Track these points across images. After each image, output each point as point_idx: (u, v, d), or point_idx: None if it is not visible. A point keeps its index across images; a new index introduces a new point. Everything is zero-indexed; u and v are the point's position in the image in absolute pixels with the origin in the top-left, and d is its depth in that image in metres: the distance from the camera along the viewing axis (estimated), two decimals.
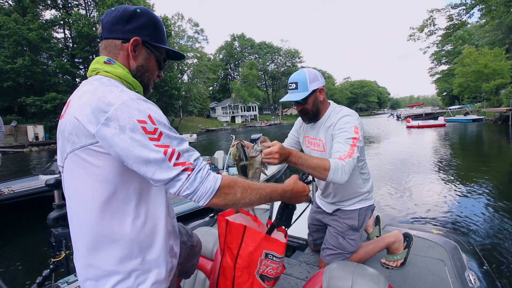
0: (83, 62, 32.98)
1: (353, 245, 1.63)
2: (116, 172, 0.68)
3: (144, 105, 0.66)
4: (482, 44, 36.53)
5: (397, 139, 16.05)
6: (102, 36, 0.79)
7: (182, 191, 0.65)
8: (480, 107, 29.50)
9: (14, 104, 26.40)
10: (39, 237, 4.45)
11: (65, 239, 1.28)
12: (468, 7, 13.74)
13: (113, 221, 0.69)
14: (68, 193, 0.74)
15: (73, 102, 0.70)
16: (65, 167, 0.72)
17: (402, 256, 1.71)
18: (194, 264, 1.20)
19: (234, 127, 47.48)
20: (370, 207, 1.69)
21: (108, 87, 0.67)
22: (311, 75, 1.48)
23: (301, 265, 1.84)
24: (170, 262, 0.81)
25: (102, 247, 0.70)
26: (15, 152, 20.96)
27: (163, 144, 0.64)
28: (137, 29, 0.77)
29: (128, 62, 0.79)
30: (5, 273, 3.40)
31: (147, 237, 0.73)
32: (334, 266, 1.03)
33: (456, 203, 4.96)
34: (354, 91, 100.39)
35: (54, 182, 1.35)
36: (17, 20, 24.16)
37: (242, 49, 69.59)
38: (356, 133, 1.37)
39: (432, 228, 2.35)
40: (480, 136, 16.37)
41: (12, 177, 7.07)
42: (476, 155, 10.08)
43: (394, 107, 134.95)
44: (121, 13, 0.77)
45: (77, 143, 0.66)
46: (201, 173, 0.67)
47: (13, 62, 23.90)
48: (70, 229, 0.78)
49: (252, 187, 0.75)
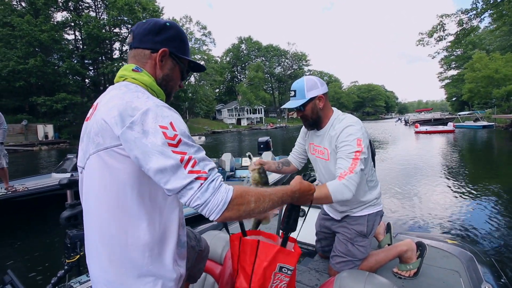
0: (93, 63, 33.61)
1: (363, 252, 1.60)
2: (135, 176, 0.69)
3: (167, 112, 0.68)
4: (493, 49, 35.99)
5: (405, 145, 15.86)
6: (132, 45, 0.83)
7: (193, 201, 0.64)
8: (490, 113, 29.00)
9: (25, 103, 27.00)
10: (52, 233, 4.52)
11: (79, 241, 1.30)
12: (478, 12, 13.53)
13: (128, 225, 0.70)
14: (86, 194, 0.76)
15: (101, 105, 0.73)
16: (86, 168, 0.74)
17: (415, 265, 1.66)
18: (200, 269, 1.20)
19: (240, 130, 47.62)
20: (378, 213, 1.66)
21: (135, 93, 0.71)
22: (309, 82, 1.51)
23: (311, 272, 1.81)
24: (180, 268, 0.82)
25: (115, 250, 0.71)
26: (25, 150, 21.39)
27: (181, 151, 0.65)
28: (165, 40, 0.83)
29: (154, 70, 0.83)
30: (20, 270, 3.45)
31: (159, 243, 0.74)
32: (345, 274, 1.01)
33: (469, 211, 4.82)
34: (361, 95, 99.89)
35: (67, 182, 1.37)
36: (30, 22, 24.77)
37: (249, 52, 70.01)
38: (359, 145, 1.37)
39: (446, 237, 2.27)
40: (492, 143, 16.06)
41: (23, 175, 7.19)
42: (488, 162, 9.89)
43: (402, 111, 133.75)
44: (152, 26, 0.82)
45: (101, 144, 0.68)
46: (214, 183, 0.66)
47: (25, 63, 24.49)
48: (84, 230, 0.79)
49: (264, 194, 0.75)
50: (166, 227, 0.76)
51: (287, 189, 0.85)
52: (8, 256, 3.87)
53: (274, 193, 0.79)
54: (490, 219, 4.40)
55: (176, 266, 0.79)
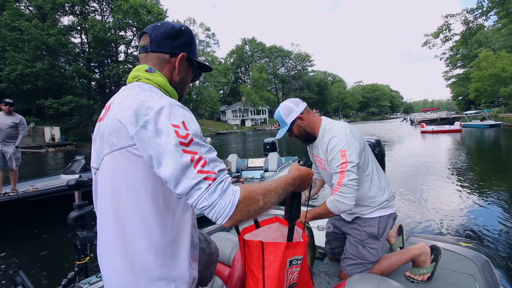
0: (98, 66, 34.03)
1: (374, 255, 1.58)
2: (148, 177, 0.69)
3: (180, 110, 0.68)
4: (500, 47, 35.47)
5: (411, 145, 15.70)
6: (150, 49, 0.83)
7: (199, 202, 0.62)
8: (498, 112, 28.55)
9: (32, 106, 27.43)
10: (61, 234, 4.60)
11: (89, 243, 1.32)
12: (484, 11, 13.36)
13: (142, 227, 0.69)
14: (100, 195, 0.75)
15: (114, 105, 0.73)
16: (101, 169, 0.74)
17: (429, 270, 1.62)
18: (211, 272, 1.19)
19: (244, 130, 47.67)
20: (391, 215, 1.64)
21: (149, 93, 0.71)
22: (284, 110, 1.63)
23: (320, 275, 1.78)
24: (193, 271, 0.81)
25: (128, 253, 0.70)
26: (33, 152, 21.72)
27: (192, 150, 0.65)
28: (182, 45, 0.85)
29: (172, 74, 0.85)
30: (31, 270, 3.50)
31: (173, 245, 0.74)
32: (356, 278, 0.99)
33: (482, 213, 4.66)
34: (366, 95, 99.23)
35: (75, 183, 1.39)
36: (37, 26, 25.20)
37: (253, 53, 70.15)
38: (343, 156, 1.45)
39: (459, 240, 2.20)
40: (500, 142, 15.81)
41: (31, 177, 7.32)
42: (498, 162, 9.71)
43: (408, 111, 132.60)
44: (169, 30, 0.83)
45: (116, 145, 0.68)
46: (222, 185, 0.64)
47: (32, 66, 24.91)
48: (97, 232, 0.79)
49: (269, 189, 0.73)
50: (179, 228, 0.75)
51: (287, 178, 0.85)
52: (19, 257, 3.93)
53: (279, 185, 0.78)
54: (505, 220, 4.28)
55: (189, 269, 0.78)
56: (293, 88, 70.40)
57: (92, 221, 1.37)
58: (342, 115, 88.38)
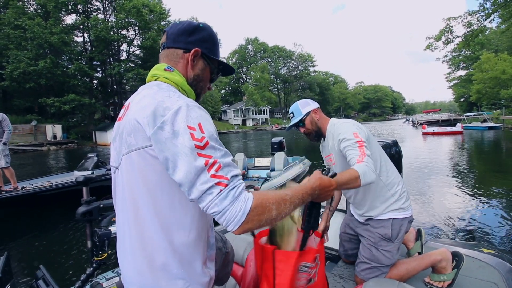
0: (101, 65, 34.12)
1: (389, 258, 1.54)
2: (164, 179, 0.68)
3: (197, 112, 0.68)
4: (502, 49, 35.33)
5: (412, 146, 15.67)
6: (166, 45, 0.84)
7: (210, 208, 0.62)
8: (499, 114, 28.45)
9: (35, 104, 27.56)
10: (78, 227, 4.76)
11: (107, 239, 1.36)
12: (487, 14, 13.31)
13: (158, 228, 0.70)
14: (119, 194, 0.76)
15: (133, 105, 0.73)
16: (120, 169, 0.74)
17: (449, 277, 1.55)
18: (228, 272, 1.18)
19: (245, 130, 47.68)
20: (406, 218, 1.59)
21: (166, 93, 0.71)
22: (301, 103, 1.74)
23: (335, 278, 1.74)
24: (210, 271, 0.81)
25: (147, 252, 0.70)
26: (34, 150, 21.83)
27: (207, 154, 0.64)
28: (198, 41, 0.84)
29: (186, 70, 0.84)
30: (49, 263, 3.58)
31: (190, 247, 0.73)
32: (372, 283, 0.95)
33: (502, 217, 4.53)
34: (367, 96, 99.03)
35: (83, 180, 1.43)
36: (40, 24, 25.30)
37: (255, 53, 70.14)
38: (357, 136, 1.44)
39: (481, 245, 2.10)
40: (500, 144, 15.77)
41: (31, 175, 7.46)
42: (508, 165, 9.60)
43: (409, 112, 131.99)
44: (186, 26, 0.83)
45: (133, 145, 0.69)
46: (234, 191, 0.63)
47: (35, 64, 25.01)
48: (117, 229, 0.80)
49: (285, 198, 0.71)
50: (197, 230, 0.75)
51: (306, 187, 0.82)
52: (38, 250, 4.05)
53: (295, 195, 0.75)
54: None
55: (206, 269, 0.78)
56: (295, 88, 70.33)
57: (99, 216, 1.42)
58: (344, 116, 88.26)
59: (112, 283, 1.51)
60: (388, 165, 1.64)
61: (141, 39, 34.43)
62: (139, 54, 37.11)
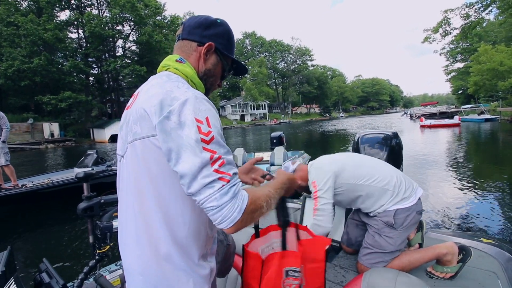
0: (96, 61, 33.77)
1: (391, 244, 1.57)
2: (166, 170, 0.68)
3: (205, 105, 0.68)
4: (499, 41, 35.27)
5: (410, 138, 15.71)
6: (181, 36, 0.84)
7: (208, 201, 0.61)
8: (496, 106, 28.54)
9: (30, 102, 27.34)
10: (79, 223, 4.77)
11: (109, 232, 1.36)
12: (485, 5, 13.26)
13: (162, 218, 0.70)
14: (125, 183, 0.76)
15: (142, 94, 0.73)
16: (126, 157, 0.74)
17: (453, 269, 1.56)
18: (230, 265, 1.20)
19: (244, 125, 47.63)
20: (411, 207, 1.62)
21: (175, 83, 0.71)
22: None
23: (335, 268, 1.77)
24: (211, 264, 0.81)
25: (152, 242, 0.70)
26: (32, 149, 21.72)
27: (211, 149, 0.64)
28: (213, 36, 0.83)
29: (198, 63, 0.84)
30: (52, 256, 3.62)
31: (190, 240, 0.73)
32: (374, 272, 0.98)
33: (501, 208, 4.55)
34: (366, 90, 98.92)
35: (83, 176, 1.43)
36: (33, 21, 24.91)
37: (253, 47, 69.61)
38: (314, 187, 1.67)
39: (480, 236, 2.13)
40: (496, 136, 15.86)
41: (30, 173, 7.48)
42: (504, 156, 9.68)
43: (407, 105, 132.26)
44: (203, 20, 0.83)
45: (138, 134, 0.68)
46: (234, 188, 0.64)
47: (29, 62, 24.69)
48: (119, 219, 0.80)
49: (270, 195, 0.74)
50: (197, 222, 0.75)
51: (279, 182, 0.85)
52: (41, 244, 4.10)
53: (275, 190, 0.78)
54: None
55: (206, 262, 0.79)
56: (293, 83, 70.09)
57: (100, 212, 1.42)
58: (342, 110, 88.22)
59: (115, 276, 1.52)
60: (378, 169, 1.68)
61: (136, 34, 33.99)
62: (135, 50, 36.67)
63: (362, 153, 2.56)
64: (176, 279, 0.71)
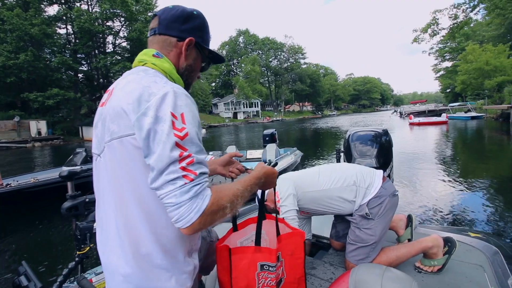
0: (86, 58, 33.04)
1: (371, 235, 1.59)
2: (145, 167, 0.66)
3: (184, 100, 0.66)
4: (486, 40, 36.11)
5: (399, 135, 15.98)
6: (157, 31, 0.80)
7: (168, 197, 0.61)
8: (482, 104, 29.28)
9: (17, 99, 26.55)
10: (62, 223, 4.69)
11: (89, 232, 1.32)
12: (473, 6, 13.54)
13: (142, 216, 0.69)
14: (102, 182, 0.74)
15: (117, 90, 0.71)
16: (103, 156, 0.72)
17: (440, 262, 1.58)
18: (213, 261, 1.18)
19: (236, 123, 47.50)
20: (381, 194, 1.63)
21: (153, 78, 0.69)
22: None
23: (325, 265, 1.78)
24: (194, 260, 0.81)
25: (131, 241, 0.69)
26: (18, 147, 21.16)
27: (184, 145, 0.63)
28: (192, 29, 0.81)
29: (178, 60, 0.81)
30: (32, 258, 3.55)
31: (173, 236, 0.72)
32: (361, 268, 0.99)
33: (490, 203, 4.65)
34: (357, 88, 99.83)
35: (67, 174, 1.39)
36: (20, 15, 24.17)
37: (246, 45, 69.30)
38: (277, 196, 1.68)
39: (468, 230, 2.15)
40: (482, 133, 16.29)
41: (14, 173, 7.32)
42: (489, 152, 9.94)
43: (398, 103, 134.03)
44: (180, 13, 0.80)
45: (116, 133, 0.67)
46: (196, 188, 0.62)
47: (15, 58, 23.99)
48: (97, 219, 0.78)
49: (237, 193, 0.72)
50: None
51: (252, 177, 0.83)
52: (21, 247, 4.00)
53: (245, 188, 0.77)
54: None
55: (190, 258, 0.78)
56: (286, 81, 70.15)
57: (85, 211, 1.38)
58: (334, 108, 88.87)
59: (102, 278, 1.49)
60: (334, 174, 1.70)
61: (127, 30, 33.40)
62: (125, 47, 36.00)
63: (353, 150, 2.60)
64: (157, 278, 0.70)
